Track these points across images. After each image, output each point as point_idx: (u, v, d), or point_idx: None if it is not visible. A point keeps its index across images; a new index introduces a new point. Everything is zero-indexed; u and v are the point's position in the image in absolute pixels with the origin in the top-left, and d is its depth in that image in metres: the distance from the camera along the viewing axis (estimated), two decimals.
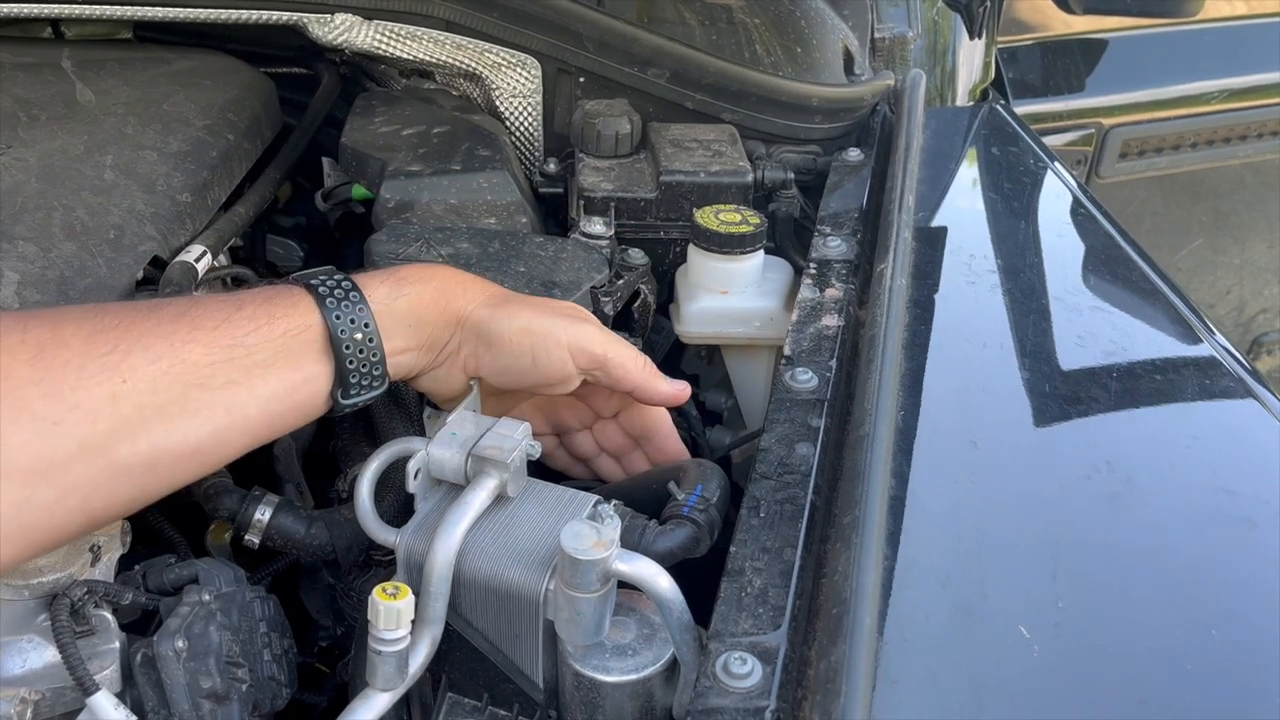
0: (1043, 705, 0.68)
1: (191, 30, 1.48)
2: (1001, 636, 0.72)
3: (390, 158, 1.21)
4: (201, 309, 0.72)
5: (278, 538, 0.90)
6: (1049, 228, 1.35)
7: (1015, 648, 0.71)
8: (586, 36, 1.34)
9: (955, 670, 0.70)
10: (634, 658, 0.78)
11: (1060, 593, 0.76)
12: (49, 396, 0.63)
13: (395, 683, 0.73)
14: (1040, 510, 0.84)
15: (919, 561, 0.77)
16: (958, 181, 1.47)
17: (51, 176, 1.04)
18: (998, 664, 0.70)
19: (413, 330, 0.82)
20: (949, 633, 0.72)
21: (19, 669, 0.72)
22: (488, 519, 0.79)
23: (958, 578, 0.77)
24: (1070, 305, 1.15)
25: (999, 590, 0.76)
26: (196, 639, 0.75)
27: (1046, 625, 0.73)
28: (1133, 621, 0.74)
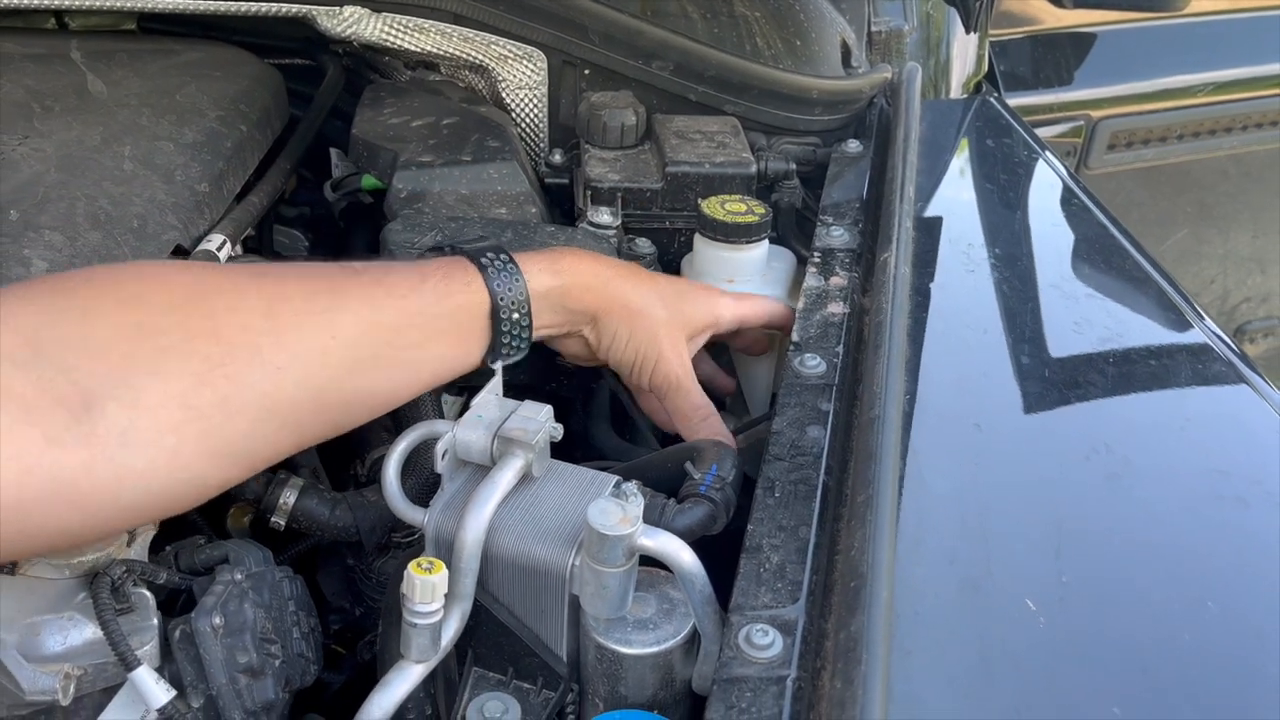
0: (1049, 674, 0.71)
1: (196, 21, 1.50)
2: (1008, 610, 0.75)
3: (401, 149, 1.23)
4: (394, 278, 0.84)
5: (303, 520, 0.92)
6: (1043, 218, 1.38)
7: (1021, 620, 0.74)
8: (592, 29, 1.36)
9: (965, 641, 0.73)
10: (655, 631, 0.81)
11: (1063, 569, 0.79)
12: (276, 345, 0.74)
13: (429, 654, 0.76)
14: (1042, 490, 0.87)
15: (927, 539, 0.80)
16: (954, 172, 1.50)
17: (71, 166, 1.06)
18: (1005, 636, 0.74)
19: (557, 314, 0.95)
20: (957, 607, 0.75)
21: (60, 646, 0.74)
22: (513, 498, 0.82)
23: (964, 555, 0.80)
24: (1066, 293, 1.18)
25: (1004, 567, 0.79)
26: (232, 616, 0.78)
27: (1051, 599, 0.76)
28: (1133, 596, 0.78)
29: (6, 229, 0.94)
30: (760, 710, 0.66)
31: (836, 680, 0.64)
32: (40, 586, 0.74)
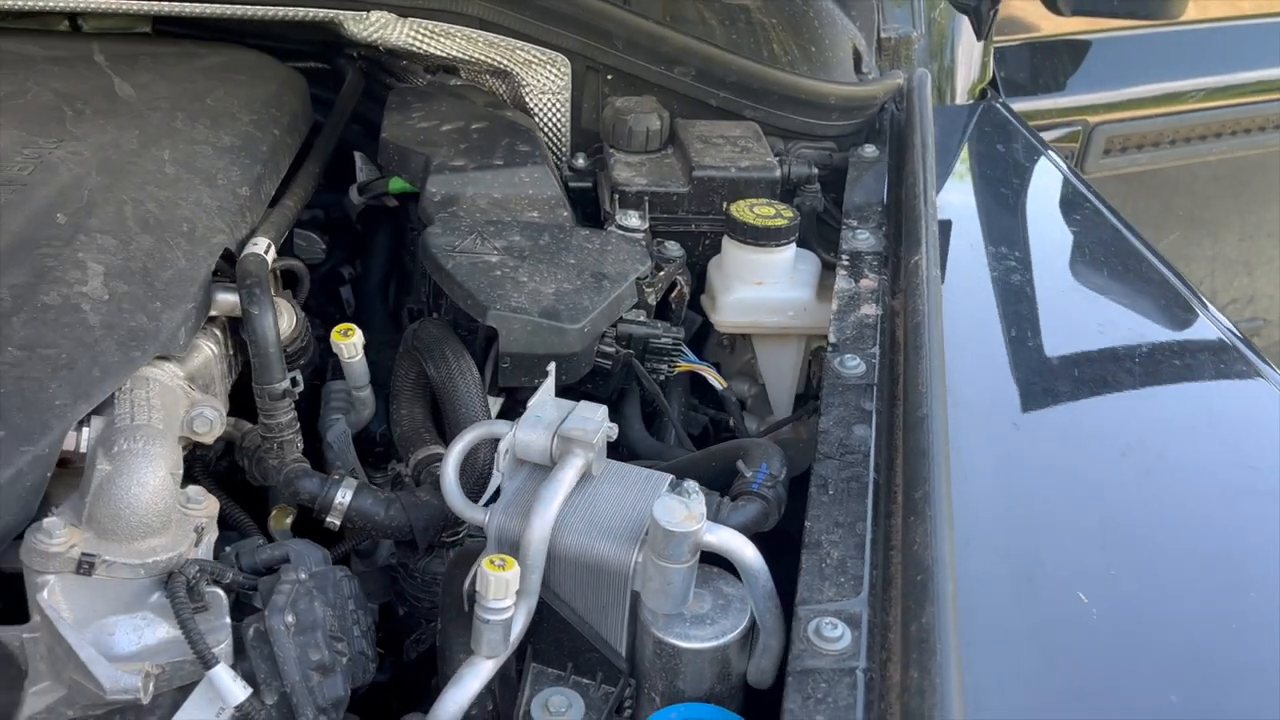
0: (1106, 664, 0.74)
1: (210, 25, 1.50)
2: (1061, 602, 0.78)
3: (433, 153, 1.24)
4: None
5: (358, 519, 0.93)
6: (1057, 221, 1.42)
7: (1075, 612, 0.77)
8: (616, 35, 1.38)
9: (1023, 633, 0.75)
10: (713, 626, 0.83)
11: (1110, 561, 0.82)
12: None
13: (500, 650, 0.77)
14: (1082, 486, 0.90)
15: (978, 534, 0.82)
16: (967, 177, 1.54)
17: (112, 170, 1.06)
18: (1061, 627, 0.76)
19: None
20: (1014, 599, 0.78)
21: (135, 645, 0.75)
22: (573, 497, 0.84)
23: (1015, 549, 0.82)
24: (1086, 294, 1.22)
25: (1054, 560, 0.82)
26: (303, 614, 0.79)
27: (1101, 592, 0.79)
28: (1179, 587, 0.81)
29: (56, 232, 0.95)
30: (836, 700, 0.68)
31: (912, 670, 0.66)
32: (114, 587, 0.75)
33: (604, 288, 1.09)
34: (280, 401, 0.92)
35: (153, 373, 0.87)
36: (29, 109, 1.18)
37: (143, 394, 0.84)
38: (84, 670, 0.72)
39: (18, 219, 0.97)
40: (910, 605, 0.71)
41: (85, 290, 0.88)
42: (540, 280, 1.07)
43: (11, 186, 1.02)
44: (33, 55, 1.33)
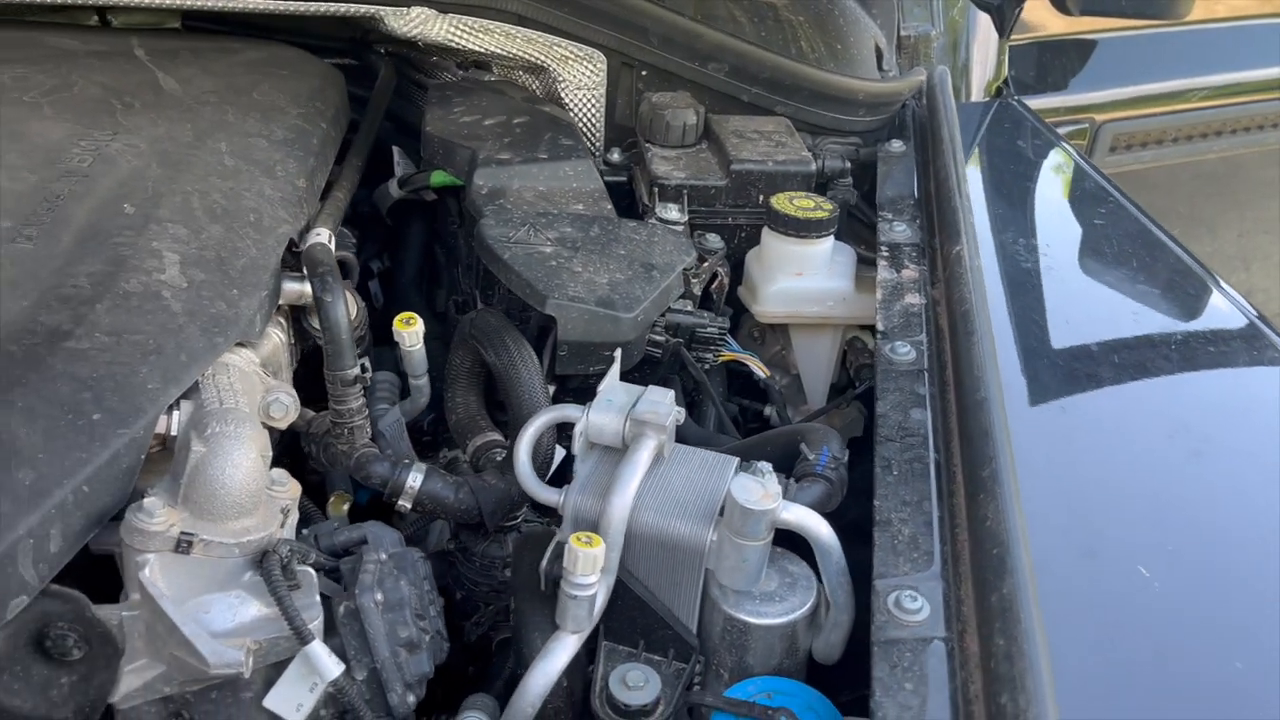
0: (1170, 634, 0.77)
1: (239, 20, 1.51)
2: (1124, 575, 0.81)
3: (479, 146, 1.26)
4: None
5: (428, 502, 0.95)
6: (1079, 213, 1.45)
7: (1138, 585, 0.80)
8: (652, 32, 1.40)
9: (1091, 604, 0.78)
10: (782, 603, 0.86)
11: (1167, 538, 0.85)
12: None
13: (585, 625, 0.80)
14: (1134, 467, 0.93)
15: (1038, 512, 0.85)
16: (988, 171, 1.57)
17: (171, 162, 1.07)
18: (1126, 599, 0.79)
19: None
20: (1078, 573, 0.81)
21: (230, 623, 0.77)
22: (646, 478, 0.86)
23: (1076, 526, 0.85)
24: (1117, 284, 1.25)
25: (1114, 536, 0.85)
26: (390, 592, 0.81)
27: (1161, 566, 0.82)
28: (1233, 560, 0.84)
29: (126, 222, 0.96)
30: (921, 668, 0.71)
31: (997, 639, 0.69)
32: (210, 566, 0.76)
33: (654, 278, 1.11)
34: (351, 387, 0.94)
35: (232, 359, 0.88)
36: (77, 102, 1.19)
37: (225, 379, 0.85)
38: (186, 645, 0.73)
39: (84, 209, 0.98)
40: (987, 578, 0.74)
41: (164, 278, 0.89)
42: (594, 270, 1.09)
43: (73, 178, 1.03)
44: (72, 49, 1.34)
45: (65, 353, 0.81)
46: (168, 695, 0.77)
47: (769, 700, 0.80)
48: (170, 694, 0.77)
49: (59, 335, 0.82)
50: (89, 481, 0.74)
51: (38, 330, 0.83)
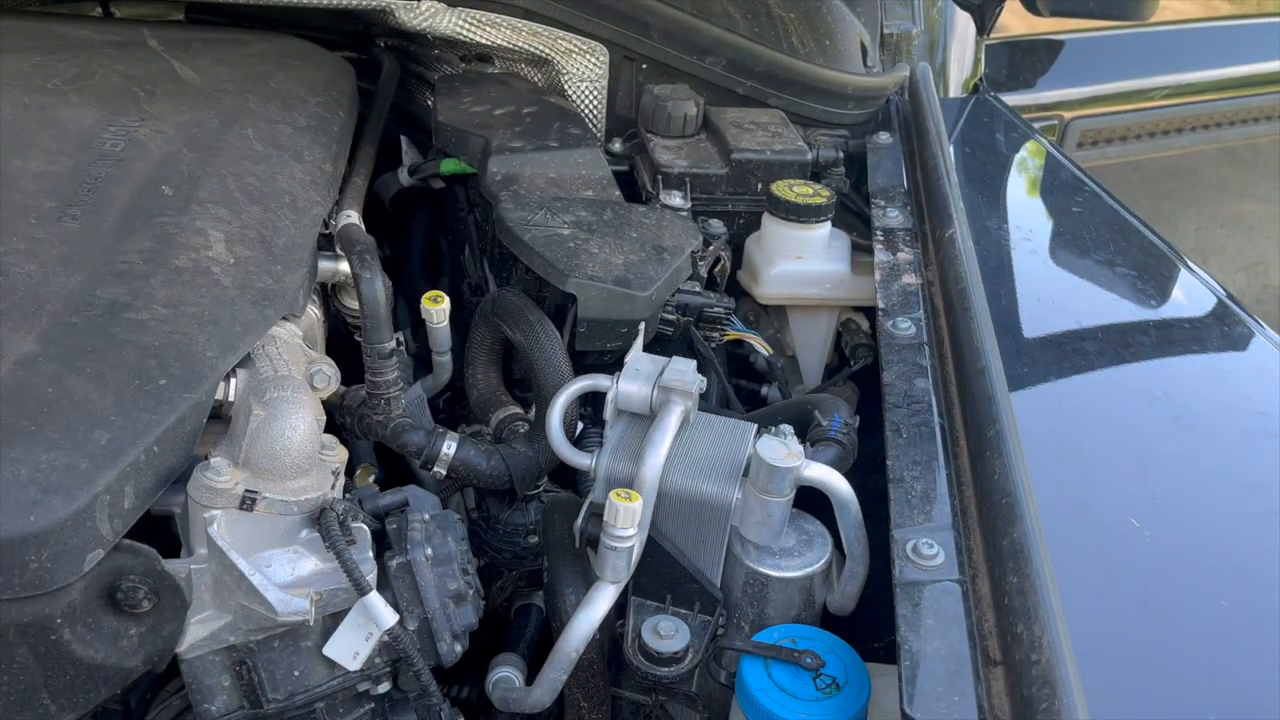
0: (1162, 578, 0.84)
1: (242, 13, 1.55)
2: (1117, 527, 0.88)
3: (491, 135, 1.31)
4: None
5: (462, 469, 1.00)
6: (1057, 200, 1.53)
7: (1130, 535, 0.87)
8: (653, 26, 1.46)
9: (1085, 551, 0.85)
10: (799, 558, 0.92)
11: (1154, 492, 0.92)
12: None
13: (623, 575, 0.85)
14: (1120, 430, 1.00)
15: (1036, 469, 0.91)
16: (967, 162, 1.64)
17: (202, 147, 1.11)
18: (1120, 546, 0.86)
19: None
20: (1075, 523, 0.88)
21: (289, 576, 0.81)
22: (673, 442, 0.91)
23: (1071, 481, 0.92)
24: (1095, 266, 1.33)
25: (1106, 492, 0.92)
26: (438, 548, 0.86)
27: (1150, 518, 0.89)
28: (1216, 513, 0.91)
29: (167, 203, 1.00)
30: (940, 606, 0.77)
31: (1010, 577, 0.75)
32: (270, 522, 0.81)
33: (665, 259, 1.16)
34: (388, 360, 0.98)
35: (279, 332, 0.93)
36: (101, 90, 1.22)
37: (274, 350, 0.90)
38: (255, 595, 0.78)
39: (124, 190, 1.02)
40: (997, 525, 0.81)
41: (211, 255, 0.93)
42: (609, 252, 1.14)
43: (108, 161, 1.07)
44: (87, 39, 1.37)
45: (127, 323, 0.85)
46: (231, 645, 0.81)
47: (794, 644, 0.86)
48: (234, 644, 0.81)
49: (119, 307, 0.86)
50: (158, 442, 0.78)
51: (97, 303, 0.87)
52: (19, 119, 1.11)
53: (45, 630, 0.74)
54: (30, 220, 0.95)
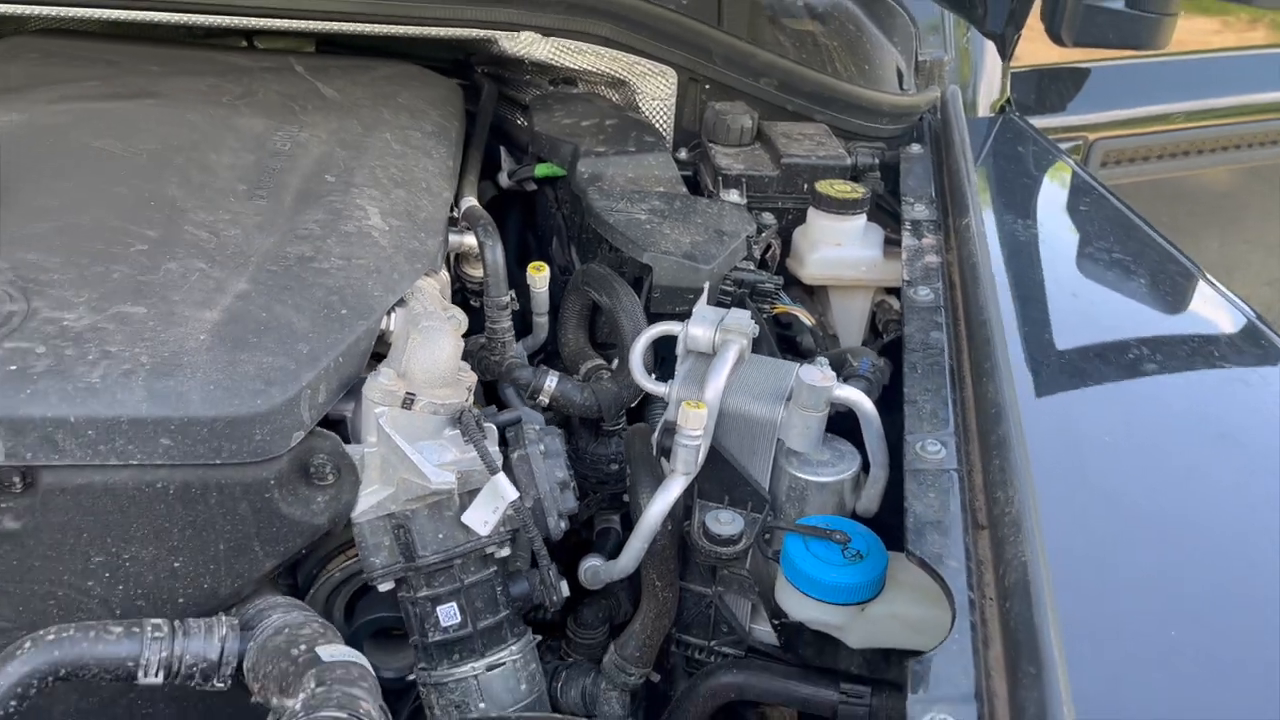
0: (1124, 473, 1.05)
1: (364, 44, 1.83)
2: (1092, 441, 1.09)
3: (580, 142, 1.57)
4: None
5: (560, 400, 1.24)
6: (1075, 206, 1.74)
7: (1101, 446, 1.08)
8: (714, 52, 1.71)
9: (1064, 458, 1.07)
10: (833, 468, 1.14)
11: (1125, 416, 1.13)
12: None
13: (692, 468, 1.08)
14: (1091, 369, 1.22)
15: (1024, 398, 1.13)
16: (993, 177, 1.86)
17: (351, 146, 1.38)
18: (1090, 450, 1.07)
19: None
20: (1056, 437, 1.09)
21: (436, 461, 1.06)
22: (732, 372, 1.15)
23: (1052, 407, 1.14)
24: (1100, 266, 1.54)
25: (1083, 418, 1.13)
26: (548, 446, 1.10)
27: (1121, 432, 1.10)
28: (1176, 436, 1.12)
29: (331, 187, 1.26)
30: (940, 486, 0.99)
31: (995, 461, 0.97)
32: (422, 420, 1.06)
33: (724, 240, 1.40)
34: (504, 311, 1.23)
35: (422, 283, 1.18)
36: (265, 104, 1.50)
37: (421, 295, 1.15)
38: (414, 470, 1.02)
39: (296, 178, 1.29)
40: (987, 427, 1.03)
41: (370, 224, 1.19)
42: (678, 233, 1.39)
43: (280, 157, 1.34)
44: (247, 66, 1.66)
45: (313, 270, 1.11)
46: (392, 513, 1.06)
47: (827, 527, 1.08)
48: (394, 511, 1.05)
49: (305, 260, 1.12)
50: (342, 355, 1.04)
51: (288, 256, 1.13)
52: (208, 125, 1.39)
53: (260, 490, 1.00)
54: (230, 199, 1.22)
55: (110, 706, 1.06)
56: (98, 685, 1.02)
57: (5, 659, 0.88)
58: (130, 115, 1.39)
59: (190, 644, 0.93)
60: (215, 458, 0.97)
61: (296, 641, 0.92)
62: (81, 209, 1.16)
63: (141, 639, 0.91)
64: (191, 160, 1.28)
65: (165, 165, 1.26)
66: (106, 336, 0.98)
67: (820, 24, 1.88)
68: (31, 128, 1.33)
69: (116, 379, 0.95)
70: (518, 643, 1.09)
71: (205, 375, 0.97)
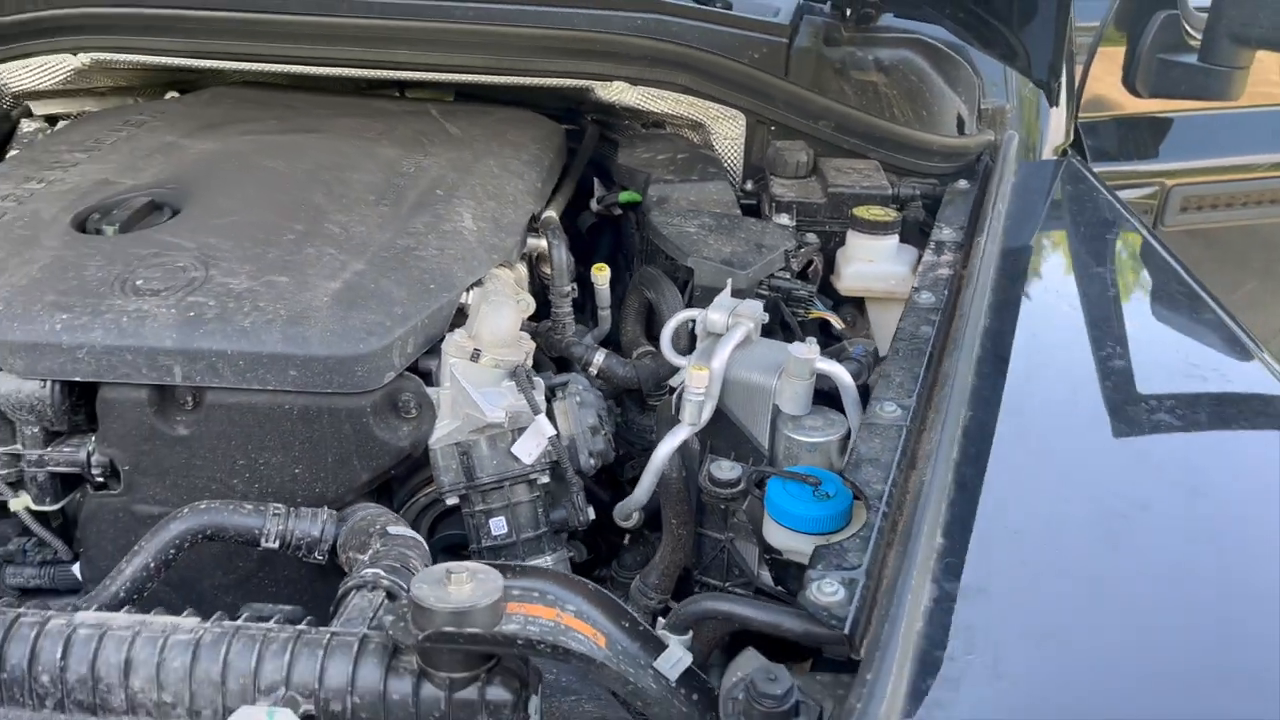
0: (1046, 420, 1.24)
1: (494, 94, 2.18)
2: (1030, 393, 1.28)
3: (652, 171, 1.86)
4: None
5: (607, 372, 1.52)
6: (1119, 249, 1.91)
7: (1039, 400, 1.27)
8: (777, 99, 1.98)
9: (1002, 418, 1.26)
10: (821, 432, 1.37)
11: (1073, 393, 1.32)
12: None
13: (696, 419, 1.33)
14: (1053, 358, 1.40)
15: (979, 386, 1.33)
16: (1042, 213, 2.04)
17: (460, 169, 1.72)
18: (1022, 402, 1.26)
19: None
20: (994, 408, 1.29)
21: (494, 403, 1.35)
22: (739, 350, 1.40)
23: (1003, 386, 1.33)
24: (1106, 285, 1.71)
25: (1033, 396, 1.32)
26: (584, 398, 1.38)
27: (1066, 397, 1.29)
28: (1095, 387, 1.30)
29: (439, 199, 1.60)
30: (887, 437, 1.21)
31: (931, 415, 1.19)
32: (485, 371, 1.36)
33: (762, 252, 1.66)
34: (565, 299, 1.53)
35: (500, 271, 1.49)
36: (400, 139, 1.86)
37: (495, 279, 1.46)
38: (476, 407, 1.32)
39: (413, 192, 1.63)
40: (936, 392, 1.24)
41: (464, 226, 1.52)
42: (721, 243, 1.65)
43: (404, 177, 1.69)
44: (393, 110, 2.03)
45: (415, 258, 1.43)
46: (459, 442, 1.35)
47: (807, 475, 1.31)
48: (460, 441, 1.35)
49: (410, 249, 1.45)
50: (428, 318, 1.35)
51: (397, 247, 1.46)
52: (353, 152, 1.75)
53: (360, 415, 1.31)
54: (361, 206, 1.57)
55: (244, 583, 1.39)
56: (236, 564, 1.36)
57: (169, 520, 1.21)
58: (296, 144, 1.77)
59: (299, 524, 1.24)
60: (328, 387, 1.29)
61: (374, 523, 1.22)
62: (251, 209, 1.52)
63: (265, 515, 1.23)
64: (336, 177, 1.64)
65: (315, 180, 1.62)
66: (258, 296, 1.33)
67: (884, 75, 2.12)
68: (223, 153, 1.73)
69: (262, 325, 1.28)
70: (553, 556, 1.36)
71: (324, 326, 1.29)
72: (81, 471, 1.34)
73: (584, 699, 1.24)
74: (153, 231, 1.47)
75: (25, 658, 0.96)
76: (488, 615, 0.93)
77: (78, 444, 1.33)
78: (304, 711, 0.94)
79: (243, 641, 0.97)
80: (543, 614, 0.99)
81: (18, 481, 1.36)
